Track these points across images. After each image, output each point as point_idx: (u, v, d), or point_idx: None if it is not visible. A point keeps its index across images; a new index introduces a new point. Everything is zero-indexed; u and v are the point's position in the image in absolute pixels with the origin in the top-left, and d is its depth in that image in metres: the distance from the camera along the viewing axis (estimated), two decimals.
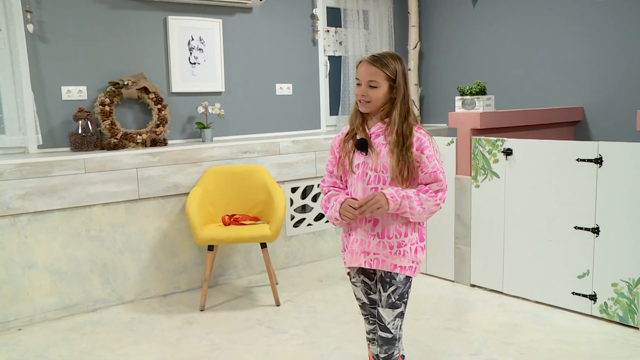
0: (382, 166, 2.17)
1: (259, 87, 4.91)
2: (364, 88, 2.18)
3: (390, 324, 2.22)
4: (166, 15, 4.36)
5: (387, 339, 2.23)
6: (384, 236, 2.19)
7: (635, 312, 3.31)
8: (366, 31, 5.55)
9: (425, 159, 2.16)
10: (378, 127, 2.22)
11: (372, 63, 2.17)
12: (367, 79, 2.17)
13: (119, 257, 3.92)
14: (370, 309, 2.36)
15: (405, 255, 2.20)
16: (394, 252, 2.19)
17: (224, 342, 3.31)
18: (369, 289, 2.33)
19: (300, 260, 4.79)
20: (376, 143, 2.20)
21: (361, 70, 2.20)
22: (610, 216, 3.36)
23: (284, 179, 4.59)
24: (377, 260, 2.20)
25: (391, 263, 2.19)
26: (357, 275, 2.33)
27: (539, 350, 3.10)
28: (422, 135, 2.19)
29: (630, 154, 3.26)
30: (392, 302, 2.21)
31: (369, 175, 2.19)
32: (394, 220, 2.18)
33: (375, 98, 2.17)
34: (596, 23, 4.52)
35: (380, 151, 2.18)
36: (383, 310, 2.22)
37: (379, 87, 2.16)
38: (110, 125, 4.02)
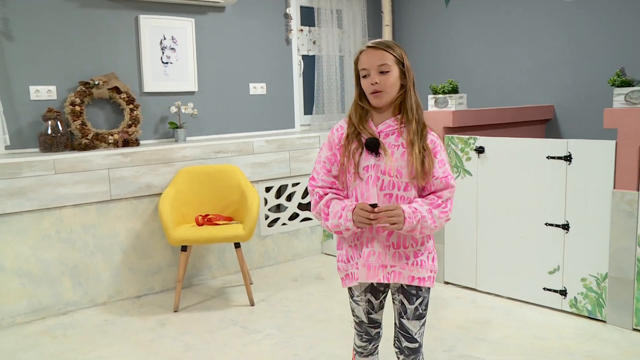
0: (397, 170, 1.94)
1: (233, 87, 4.89)
2: (374, 76, 1.94)
3: (417, 334, 2.10)
4: (137, 14, 4.32)
5: (414, 348, 2.11)
6: (400, 246, 2.00)
7: (603, 306, 3.37)
8: (340, 30, 5.56)
9: (437, 163, 1.97)
10: (388, 126, 1.99)
11: (377, 47, 1.96)
12: (377, 64, 1.94)
13: (91, 259, 3.87)
14: (367, 327, 2.18)
15: (423, 265, 2.03)
16: (411, 263, 2.01)
17: (198, 343, 3.29)
18: (371, 308, 2.14)
19: (275, 260, 4.79)
20: (387, 144, 1.97)
21: (366, 58, 1.97)
22: (580, 212, 3.42)
23: (257, 178, 4.58)
24: (395, 273, 2.01)
25: (409, 275, 2.01)
26: (363, 294, 2.11)
27: (511, 346, 3.13)
28: (435, 137, 2.02)
29: (598, 151, 3.31)
30: (419, 314, 2.08)
31: (381, 179, 1.96)
32: None
33: (389, 85, 1.95)
34: (566, 23, 4.59)
35: (393, 153, 1.96)
36: (410, 323, 2.08)
37: (391, 71, 1.95)
38: (81, 125, 3.97)
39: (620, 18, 4.28)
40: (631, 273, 3.23)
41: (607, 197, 3.30)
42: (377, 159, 1.96)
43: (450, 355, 3.05)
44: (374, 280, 2.01)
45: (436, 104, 4.09)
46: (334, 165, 2.05)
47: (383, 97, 1.96)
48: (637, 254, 3.20)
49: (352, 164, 1.98)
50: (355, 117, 2.01)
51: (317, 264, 4.76)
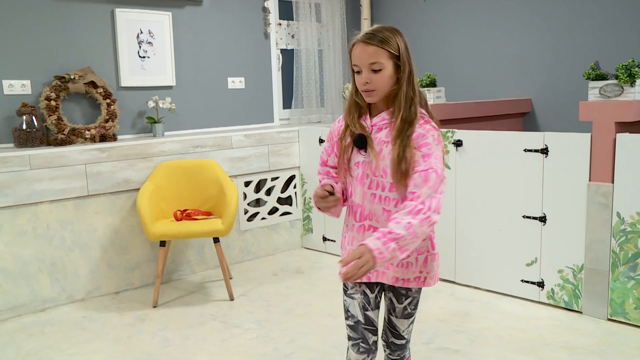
0: (382, 170, 1.84)
1: (211, 81, 4.86)
2: (366, 75, 1.81)
3: (405, 332, 2.08)
4: (113, 8, 4.27)
5: (400, 344, 2.10)
6: None
7: (579, 297, 3.41)
8: (318, 24, 5.55)
9: (420, 157, 1.79)
10: (382, 119, 1.88)
11: (369, 42, 1.80)
12: (367, 62, 1.80)
13: (68, 255, 3.83)
14: (363, 330, 1.95)
15: (409, 267, 1.92)
16: (395, 264, 1.91)
17: (177, 338, 3.27)
18: (367, 302, 1.97)
19: (255, 255, 4.78)
20: (377, 139, 1.86)
21: (358, 54, 1.83)
22: (556, 205, 3.45)
23: (236, 173, 4.56)
24: (377, 272, 1.94)
25: (392, 276, 1.94)
26: (357, 286, 1.98)
27: (489, 337, 3.16)
28: (426, 130, 1.82)
29: (574, 144, 3.35)
30: (408, 313, 2.04)
31: (369, 178, 1.87)
32: None
33: (382, 84, 1.82)
34: (543, 16, 4.63)
35: (381, 150, 1.84)
36: (398, 321, 2.05)
37: (383, 69, 1.81)
38: (56, 120, 3.92)
39: (596, 12, 4.32)
40: (606, 264, 3.28)
41: (582, 190, 3.34)
42: (366, 156, 1.87)
43: (429, 347, 3.07)
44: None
45: None
46: (331, 156, 2.03)
47: (375, 95, 1.84)
48: (611, 246, 3.24)
49: (345, 160, 1.92)
50: (348, 113, 1.92)
51: (297, 258, 4.77)
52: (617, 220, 3.21)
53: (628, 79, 3.13)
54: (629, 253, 3.18)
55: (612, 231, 3.24)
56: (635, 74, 3.13)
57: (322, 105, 5.62)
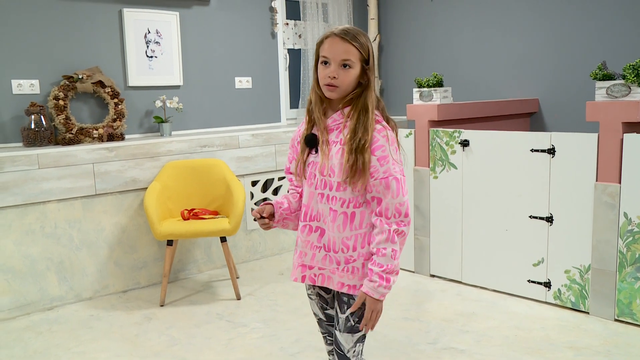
0: (330, 169, 1.81)
1: (218, 81, 4.88)
2: (334, 69, 1.78)
3: (351, 352, 1.88)
4: (121, 8, 4.29)
5: None
6: (330, 249, 1.85)
7: (586, 297, 3.40)
8: (325, 24, 5.55)
9: (375, 161, 1.77)
10: (334, 120, 1.85)
11: (345, 38, 1.78)
12: (340, 57, 1.77)
13: (76, 253, 3.86)
14: (327, 326, 2.03)
15: (355, 273, 1.83)
16: (341, 269, 1.84)
17: (183, 337, 3.29)
18: (325, 303, 2.00)
19: (262, 254, 4.79)
20: (330, 139, 1.84)
21: (330, 47, 1.79)
22: (563, 205, 3.45)
23: (243, 172, 4.58)
24: (322, 276, 1.88)
25: (338, 281, 1.85)
26: (312, 288, 2.00)
27: (495, 337, 3.16)
28: (378, 131, 1.80)
29: (581, 144, 3.34)
30: (351, 326, 1.86)
31: (317, 178, 1.85)
32: (340, 231, 1.83)
33: (347, 82, 1.79)
34: (550, 16, 4.61)
35: (329, 150, 1.82)
36: (341, 336, 1.88)
37: (353, 67, 1.79)
38: (64, 120, 3.94)
39: (603, 12, 4.30)
40: (613, 265, 3.27)
41: (589, 190, 3.33)
42: (316, 156, 1.86)
43: (435, 347, 3.07)
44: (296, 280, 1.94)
45: (421, 97, 4.10)
46: (292, 162, 1.98)
47: (336, 92, 1.80)
48: (618, 246, 3.23)
49: (301, 161, 1.90)
50: (317, 108, 1.86)
51: None
52: (624, 220, 3.20)
53: (635, 79, 3.11)
54: (636, 253, 3.17)
55: (619, 231, 3.22)
56: None
57: None
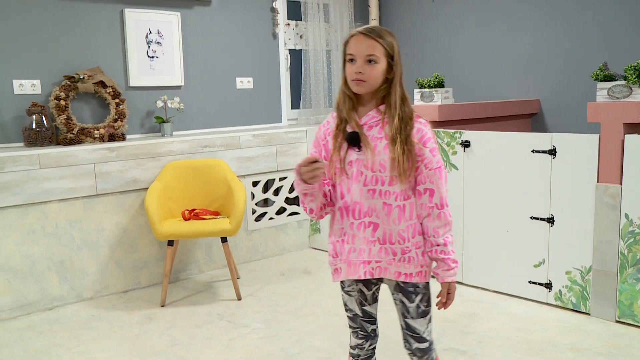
0: (380, 164, 1.87)
1: (219, 81, 4.88)
2: (360, 64, 1.85)
3: (425, 333, 2.02)
4: (122, 8, 4.29)
5: (424, 349, 2.03)
6: (386, 242, 1.92)
7: (587, 298, 3.40)
8: (327, 24, 5.56)
9: (428, 153, 1.88)
10: (371, 117, 1.91)
11: (369, 35, 1.86)
12: (365, 53, 1.85)
13: (77, 253, 3.86)
14: (362, 321, 2.09)
15: (411, 262, 1.93)
16: (397, 259, 1.93)
17: (184, 337, 3.29)
18: (364, 299, 2.07)
19: (263, 254, 4.79)
20: (370, 136, 1.89)
21: (355, 44, 1.88)
22: (564, 206, 3.44)
23: (244, 173, 4.58)
24: (380, 268, 1.95)
25: (395, 271, 1.95)
26: (354, 284, 2.05)
27: (496, 339, 3.16)
28: (422, 125, 1.91)
29: (582, 145, 3.33)
30: (422, 311, 1.99)
31: (364, 174, 1.89)
32: (396, 224, 1.91)
33: (374, 76, 1.86)
34: (551, 17, 4.61)
35: (375, 145, 1.88)
36: (415, 322, 2.00)
37: (378, 62, 1.86)
38: (66, 120, 3.95)
39: (605, 13, 4.30)
40: (614, 266, 3.26)
41: (590, 191, 3.33)
42: (360, 153, 1.89)
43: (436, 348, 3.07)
44: (355, 276, 1.96)
45: (422, 98, 4.10)
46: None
47: (364, 86, 1.87)
48: (620, 247, 3.23)
49: (337, 160, 1.92)
50: (344, 105, 1.93)
51: (305, 258, 4.77)
52: (625, 221, 3.20)
53: (637, 80, 3.11)
54: (637, 255, 3.17)
55: (621, 233, 3.22)
56: None
57: (330, 106, 5.63)
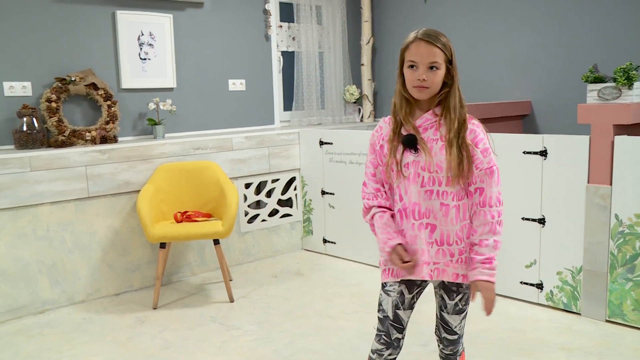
0: (436, 165, 1.92)
1: (211, 83, 4.88)
2: (423, 71, 1.89)
3: (457, 327, 2.13)
4: (114, 10, 4.29)
5: (452, 340, 2.15)
6: (444, 243, 1.97)
7: (578, 298, 3.42)
8: (319, 26, 5.56)
9: (479, 153, 1.93)
10: (425, 120, 1.96)
11: (431, 42, 1.90)
12: (428, 60, 1.89)
13: (69, 256, 3.85)
14: (389, 325, 2.07)
15: (467, 262, 1.99)
16: (455, 260, 1.98)
17: (176, 340, 3.28)
18: (401, 302, 2.07)
19: (255, 257, 4.79)
20: (426, 138, 1.94)
21: (416, 50, 1.91)
22: (555, 207, 3.46)
23: (237, 175, 4.57)
24: (438, 270, 1.99)
25: (453, 272, 1.99)
26: (397, 284, 2.06)
27: (489, 339, 3.17)
28: (475, 126, 1.97)
29: (572, 146, 3.35)
30: (459, 309, 2.09)
31: (422, 176, 1.94)
32: (453, 224, 1.96)
33: (436, 82, 1.91)
34: (541, 19, 4.63)
35: (432, 147, 1.93)
36: (450, 317, 2.10)
37: (439, 69, 1.91)
38: (57, 122, 3.93)
39: (595, 15, 4.33)
40: (604, 266, 3.28)
41: (581, 192, 3.34)
42: (416, 155, 1.94)
43: (427, 349, 3.08)
44: (419, 277, 1.98)
45: None
46: (378, 168, 2.06)
47: (426, 92, 1.92)
48: (610, 247, 3.25)
49: (394, 162, 1.97)
50: (401, 110, 1.98)
51: (297, 260, 4.77)
52: (615, 222, 3.22)
53: (626, 82, 3.13)
54: (627, 255, 3.19)
55: (611, 233, 3.24)
56: (633, 76, 3.13)
57: (323, 108, 5.64)
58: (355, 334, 3.30)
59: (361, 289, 4.02)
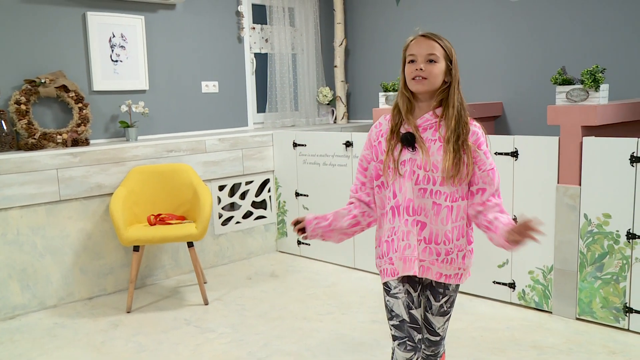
0: (432, 164, 1.94)
1: (184, 85, 4.85)
2: (420, 63, 1.94)
3: (440, 329, 2.15)
4: (85, 11, 4.24)
5: (435, 341, 2.18)
6: (431, 241, 1.99)
7: (549, 297, 3.48)
8: (292, 28, 5.57)
9: (482, 155, 1.96)
10: (425, 120, 1.98)
11: (428, 37, 1.97)
12: (425, 52, 1.94)
13: (40, 261, 3.79)
14: (409, 328, 2.01)
15: (452, 263, 2.03)
16: (440, 260, 2.01)
17: (150, 343, 3.26)
18: (411, 301, 2.04)
19: (230, 259, 4.77)
20: (425, 138, 1.97)
21: (415, 45, 1.97)
22: (526, 207, 3.51)
23: (210, 177, 4.56)
24: (423, 267, 2.00)
25: (437, 272, 2.02)
26: (401, 285, 2.04)
27: (462, 339, 3.21)
28: (477, 128, 1.99)
29: (542, 147, 3.41)
30: (444, 311, 2.12)
31: (417, 174, 1.95)
32: (443, 224, 1.98)
33: (434, 74, 1.94)
34: (512, 23, 4.70)
35: (429, 147, 1.95)
36: (434, 318, 2.13)
37: (438, 62, 1.95)
38: (27, 124, 3.88)
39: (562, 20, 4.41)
40: (574, 265, 3.35)
41: (551, 192, 3.40)
42: (413, 153, 1.96)
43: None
44: (410, 272, 1.99)
45: (387, 101, 4.15)
46: (371, 163, 2.08)
47: (424, 84, 1.94)
48: (579, 247, 3.31)
49: (391, 160, 1.99)
50: (403, 106, 2.00)
51: (272, 261, 4.77)
52: (584, 221, 3.28)
53: (593, 84, 3.20)
54: (595, 253, 3.26)
55: (580, 232, 3.31)
56: (600, 79, 3.20)
57: (296, 109, 5.64)
58: (330, 335, 3.31)
59: (335, 290, 4.03)
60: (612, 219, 3.19)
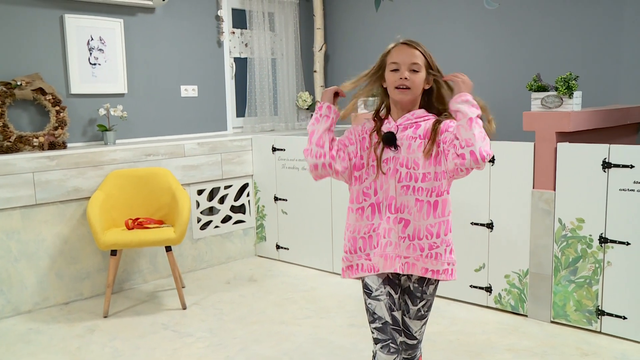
0: (413, 162, 1.99)
1: (163, 89, 4.84)
2: (404, 72, 1.98)
3: (417, 332, 2.17)
4: (62, 14, 4.21)
5: (412, 345, 2.18)
6: (415, 238, 2.01)
7: (524, 300, 3.52)
8: (272, 33, 5.58)
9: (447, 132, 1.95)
10: (406, 119, 2.03)
11: (412, 45, 2.01)
12: (410, 61, 1.98)
13: (14, 265, 3.75)
14: (392, 330, 2.04)
15: (438, 258, 2.02)
16: (425, 255, 2.02)
17: (127, 348, 3.24)
18: (393, 303, 2.06)
19: (208, 263, 4.76)
20: (404, 136, 2.01)
21: (398, 53, 2.01)
22: (503, 212, 3.56)
23: (189, 181, 4.55)
24: (408, 264, 2.02)
25: (422, 267, 2.03)
26: (382, 287, 2.05)
27: (438, 342, 3.23)
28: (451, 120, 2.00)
29: (518, 153, 3.46)
30: (421, 315, 2.13)
31: (399, 172, 2.00)
32: (424, 218, 2.01)
33: (417, 84, 2.00)
34: (489, 30, 4.76)
35: (410, 145, 2.00)
36: (411, 322, 2.14)
37: (420, 71, 2.00)
38: (2, 127, 3.84)
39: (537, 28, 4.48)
40: (549, 269, 3.40)
41: (527, 197, 3.45)
42: (395, 152, 2.01)
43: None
44: (391, 269, 2.01)
45: (366, 106, 4.17)
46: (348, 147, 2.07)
47: (408, 94, 2.00)
48: (554, 251, 3.37)
49: (373, 158, 2.03)
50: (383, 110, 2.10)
51: (250, 266, 4.77)
52: (558, 226, 3.33)
53: (566, 91, 3.26)
54: (569, 257, 3.31)
55: (555, 236, 3.36)
56: (573, 86, 3.26)
57: (276, 114, 5.65)
58: (308, 339, 3.32)
59: (314, 295, 4.04)
60: (586, 223, 3.25)
